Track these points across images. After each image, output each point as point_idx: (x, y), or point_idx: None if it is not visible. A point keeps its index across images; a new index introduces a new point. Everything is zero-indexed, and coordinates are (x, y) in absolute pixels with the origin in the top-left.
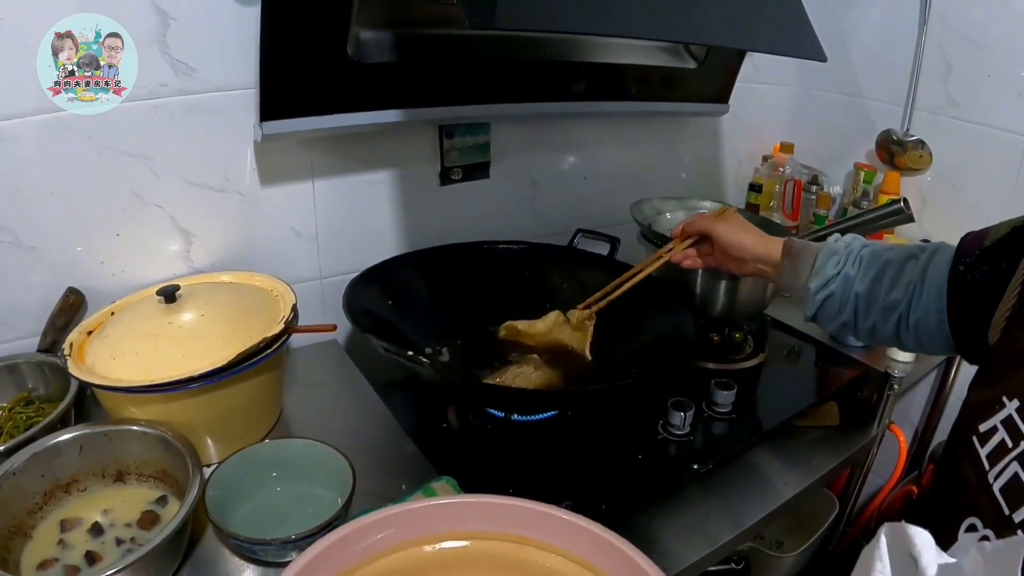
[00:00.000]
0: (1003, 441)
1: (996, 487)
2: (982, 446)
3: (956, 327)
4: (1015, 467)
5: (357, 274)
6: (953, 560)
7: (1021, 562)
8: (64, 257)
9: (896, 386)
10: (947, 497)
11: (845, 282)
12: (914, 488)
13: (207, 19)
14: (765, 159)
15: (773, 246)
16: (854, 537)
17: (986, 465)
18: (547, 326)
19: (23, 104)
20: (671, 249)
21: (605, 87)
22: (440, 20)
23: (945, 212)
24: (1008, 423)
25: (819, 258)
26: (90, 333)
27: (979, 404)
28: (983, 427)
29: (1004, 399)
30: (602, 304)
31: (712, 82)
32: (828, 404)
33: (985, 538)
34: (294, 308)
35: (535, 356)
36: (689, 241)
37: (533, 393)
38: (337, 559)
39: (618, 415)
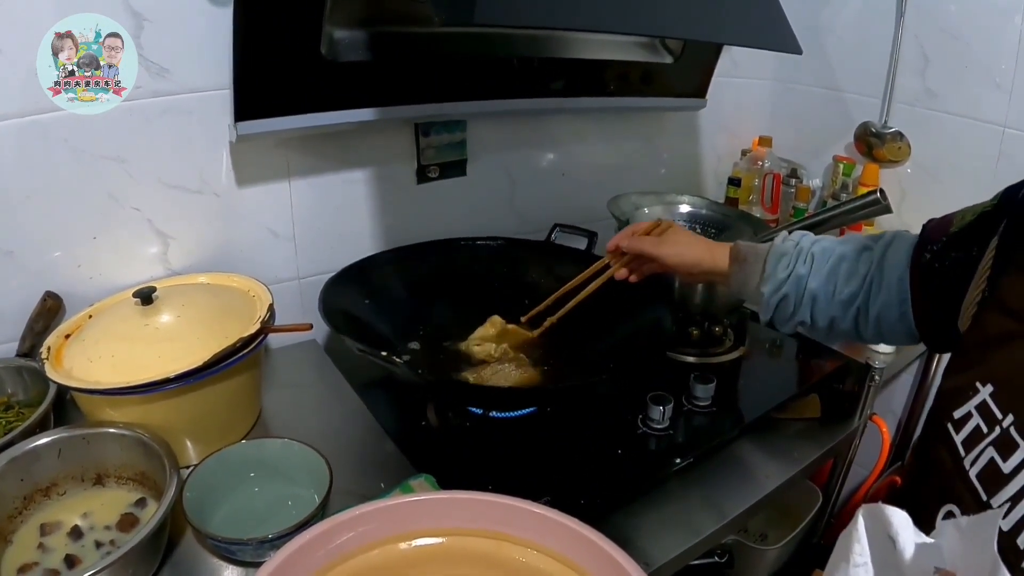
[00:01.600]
0: (978, 427)
1: (972, 473)
2: (957, 432)
3: (921, 315)
4: (991, 452)
5: (334, 274)
6: (931, 541)
7: (996, 535)
8: (41, 261)
9: (877, 377)
10: (924, 485)
11: (797, 282)
12: (897, 479)
13: (181, 20)
14: (744, 153)
15: (720, 255)
16: (838, 529)
17: (961, 451)
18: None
19: None
20: (607, 266)
21: (582, 83)
22: (414, 18)
23: (925, 203)
24: (982, 408)
25: (768, 261)
26: (68, 336)
27: (953, 391)
28: (957, 414)
29: (978, 384)
30: (546, 326)
31: (689, 77)
32: (810, 396)
33: None
34: (271, 308)
35: (520, 355)
36: (627, 257)
37: (510, 391)
38: (312, 557)
39: (597, 410)
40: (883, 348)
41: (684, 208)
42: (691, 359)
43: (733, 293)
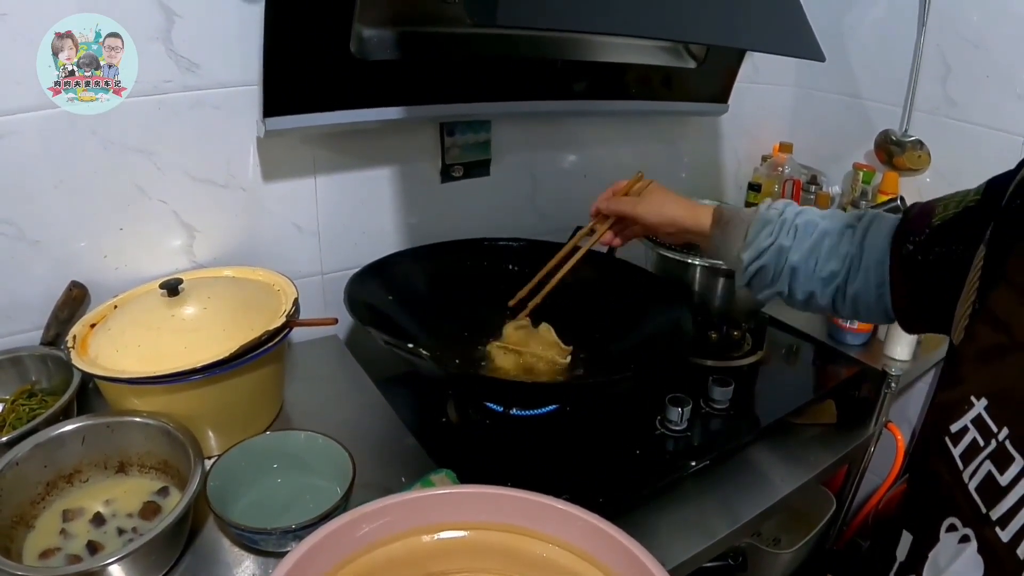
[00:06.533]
0: (975, 440)
1: (971, 486)
2: (955, 446)
3: (900, 301)
4: (988, 465)
5: (358, 270)
6: None
7: None
8: (67, 251)
9: (893, 384)
10: (926, 498)
11: (779, 253)
12: None
13: (212, 16)
14: (764, 159)
15: (702, 215)
16: (851, 535)
17: (960, 465)
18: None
19: (27, 99)
20: (590, 232)
21: (605, 86)
22: (442, 18)
23: None
24: (978, 422)
25: (751, 228)
26: (93, 326)
27: (949, 404)
28: (954, 427)
29: (972, 398)
30: (537, 301)
31: (712, 82)
32: (826, 402)
33: (965, 537)
34: (295, 302)
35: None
36: (610, 221)
37: (531, 386)
38: (335, 548)
39: (616, 410)
40: (900, 355)
41: None
42: (709, 362)
43: (711, 255)
